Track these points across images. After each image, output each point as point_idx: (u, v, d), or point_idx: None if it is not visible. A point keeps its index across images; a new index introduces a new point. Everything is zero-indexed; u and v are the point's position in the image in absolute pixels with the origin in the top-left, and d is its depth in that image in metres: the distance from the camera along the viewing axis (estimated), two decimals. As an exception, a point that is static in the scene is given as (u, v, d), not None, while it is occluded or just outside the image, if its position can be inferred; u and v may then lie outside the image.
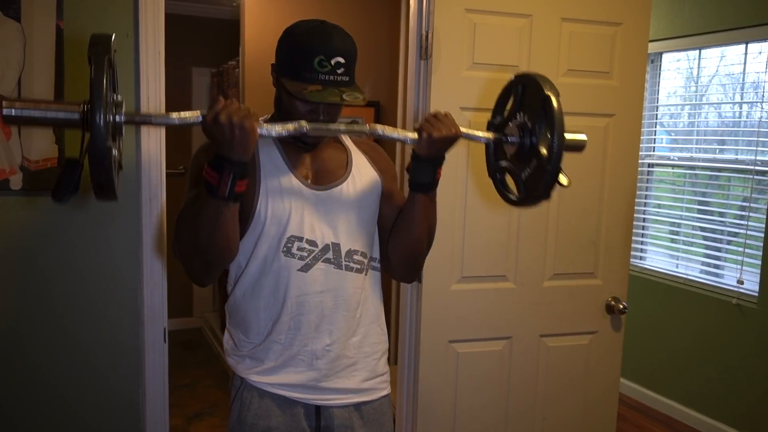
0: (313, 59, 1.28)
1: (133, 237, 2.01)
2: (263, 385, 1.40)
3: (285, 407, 1.40)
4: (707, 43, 3.57)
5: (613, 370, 2.39)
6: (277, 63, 1.38)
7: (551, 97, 1.27)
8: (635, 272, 3.81)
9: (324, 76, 1.29)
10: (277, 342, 1.39)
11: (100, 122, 1.03)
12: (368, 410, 1.46)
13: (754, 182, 3.35)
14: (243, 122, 1.13)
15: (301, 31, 1.33)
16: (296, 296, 1.36)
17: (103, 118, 1.04)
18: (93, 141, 1.04)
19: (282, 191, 1.36)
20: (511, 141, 1.36)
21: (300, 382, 1.40)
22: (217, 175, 1.16)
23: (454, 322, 2.19)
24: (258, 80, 3.69)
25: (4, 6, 1.82)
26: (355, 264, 1.41)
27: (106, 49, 1.08)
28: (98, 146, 1.04)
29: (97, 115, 1.03)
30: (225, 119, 1.12)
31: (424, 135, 1.30)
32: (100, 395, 2.03)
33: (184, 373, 4.08)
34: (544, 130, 1.28)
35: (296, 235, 1.36)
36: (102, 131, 1.04)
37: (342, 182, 1.42)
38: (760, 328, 3.22)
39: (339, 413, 1.43)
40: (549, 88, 1.28)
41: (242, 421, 1.41)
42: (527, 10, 2.13)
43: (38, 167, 1.89)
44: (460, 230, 2.15)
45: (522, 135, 1.33)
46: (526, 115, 1.34)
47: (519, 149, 1.34)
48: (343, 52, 1.31)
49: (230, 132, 1.13)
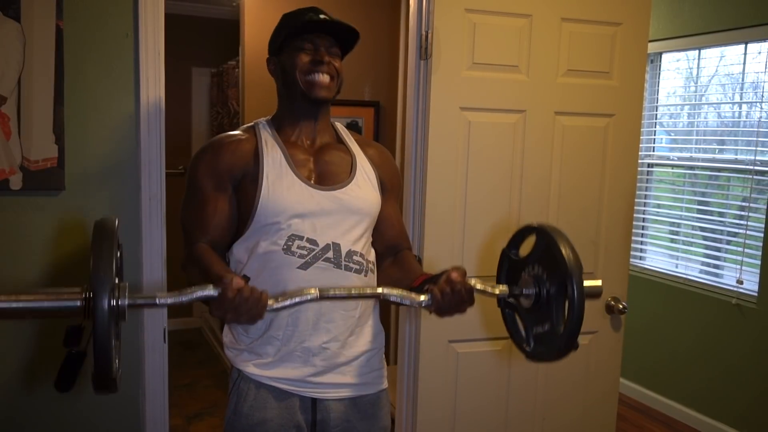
0: (304, 14, 1.42)
1: (133, 237, 2.01)
2: (260, 377, 1.42)
3: (281, 399, 1.42)
4: (707, 43, 3.57)
5: (613, 370, 2.39)
6: (270, 49, 1.50)
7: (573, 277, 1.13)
8: (635, 272, 3.81)
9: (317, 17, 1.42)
10: (275, 338, 1.40)
11: (105, 316, 0.98)
12: (365, 404, 1.48)
13: (754, 182, 3.36)
14: (251, 317, 1.16)
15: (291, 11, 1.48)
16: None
17: (107, 308, 0.98)
18: (96, 336, 0.98)
19: (285, 190, 1.37)
20: (525, 294, 1.25)
21: (296, 377, 1.41)
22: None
23: (454, 322, 2.16)
24: (258, 80, 3.69)
25: (4, 6, 1.81)
26: (354, 264, 1.42)
27: (109, 236, 1.05)
28: (102, 341, 0.99)
29: (101, 304, 0.98)
30: (233, 319, 1.16)
31: (435, 307, 1.25)
32: (100, 395, 2.03)
33: (184, 373, 4.07)
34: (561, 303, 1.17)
35: (297, 234, 1.37)
36: (106, 325, 0.98)
37: (345, 185, 1.43)
38: (760, 328, 3.22)
39: (335, 406, 1.44)
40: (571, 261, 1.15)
41: (238, 412, 1.43)
42: (527, 10, 2.13)
43: (38, 167, 1.89)
44: (460, 230, 2.15)
45: (538, 289, 1.22)
46: (540, 266, 1.23)
47: (535, 304, 1.24)
48: (331, 16, 1.44)
49: (236, 319, 1.16)
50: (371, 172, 1.49)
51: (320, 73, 1.41)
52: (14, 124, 1.86)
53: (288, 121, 1.47)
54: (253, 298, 1.14)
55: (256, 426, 1.41)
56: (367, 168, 1.49)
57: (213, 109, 4.86)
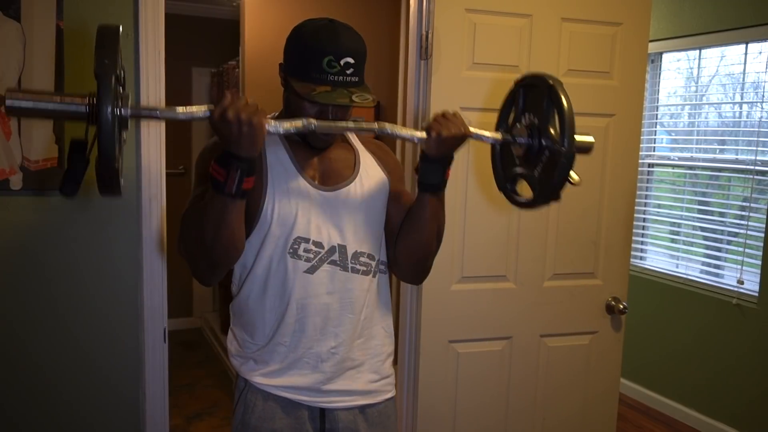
0: (322, 60, 1.26)
1: (133, 237, 2.01)
2: (268, 387, 1.39)
3: (289, 410, 1.39)
4: (707, 43, 3.57)
5: (613, 370, 2.39)
6: (285, 63, 1.36)
7: (555, 85, 1.26)
8: (635, 272, 3.81)
9: (333, 77, 1.27)
10: (282, 344, 1.37)
11: (108, 116, 1.01)
12: (373, 413, 1.45)
13: (754, 182, 3.35)
14: (251, 119, 1.11)
15: (310, 30, 1.31)
16: (301, 298, 1.35)
17: (111, 111, 1.01)
18: (100, 136, 1.01)
19: (289, 192, 1.35)
20: (519, 141, 1.33)
21: (305, 384, 1.38)
22: (225, 171, 1.15)
23: (454, 322, 2.19)
24: (258, 80, 3.69)
25: (4, 6, 1.82)
26: (361, 266, 1.40)
27: (114, 40, 1.06)
28: (105, 140, 1.01)
29: (105, 108, 1.00)
30: (233, 116, 1.10)
31: (433, 134, 1.28)
32: (100, 395, 2.03)
33: (184, 373, 4.07)
34: (552, 117, 1.26)
35: (303, 237, 1.34)
36: (109, 126, 1.01)
37: (349, 183, 1.40)
38: (760, 328, 3.22)
39: (344, 416, 1.41)
40: (552, 79, 1.28)
41: (246, 424, 1.40)
42: (527, 10, 2.13)
43: (38, 167, 1.89)
44: (460, 230, 2.15)
45: (530, 134, 1.31)
46: (532, 113, 1.32)
47: (528, 149, 1.32)
48: (353, 53, 1.29)
49: (238, 129, 1.11)
50: (375, 166, 1.46)
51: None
52: (14, 124, 1.86)
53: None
54: (251, 105, 1.12)
55: None
56: (369, 162, 1.46)
57: (213, 109, 4.86)
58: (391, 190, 1.46)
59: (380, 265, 1.45)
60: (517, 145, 1.35)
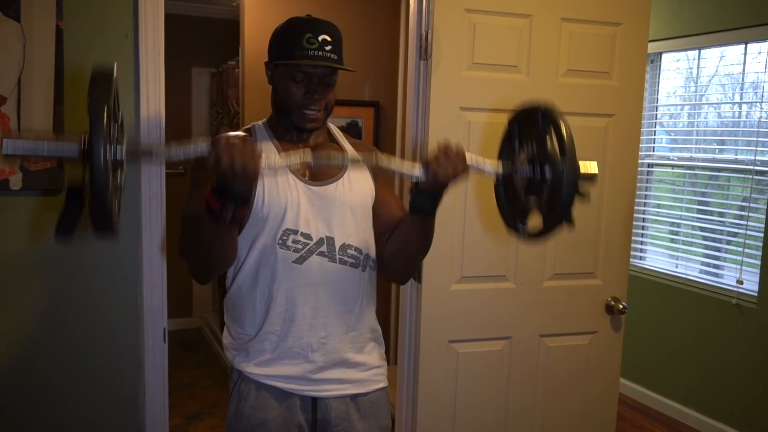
0: (302, 37, 1.37)
1: (133, 237, 2.01)
2: (260, 377, 1.43)
3: (281, 399, 1.43)
4: (707, 44, 3.57)
5: (612, 370, 2.40)
6: (269, 55, 1.46)
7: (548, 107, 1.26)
8: (635, 272, 3.81)
9: (313, 52, 1.37)
10: (272, 333, 1.41)
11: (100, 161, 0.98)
12: (365, 402, 1.48)
13: (754, 182, 3.36)
14: (245, 168, 1.12)
15: (290, 21, 1.43)
16: (290, 288, 1.40)
17: (103, 156, 0.98)
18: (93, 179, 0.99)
19: (279, 186, 1.40)
20: (520, 169, 1.30)
21: (296, 374, 1.42)
22: (220, 203, 1.17)
23: (454, 322, 2.19)
24: (258, 80, 3.68)
25: (4, 6, 1.81)
26: (349, 258, 1.44)
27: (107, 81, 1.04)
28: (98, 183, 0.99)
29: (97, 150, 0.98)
30: (227, 164, 1.12)
31: (430, 175, 1.28)
32: (100, 395, 2.03)
33: (184, 373, 4.08)
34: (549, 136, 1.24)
35: (291, 229, 1.39)
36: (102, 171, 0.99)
37: (337, 180, 1.46)
38: (760, 328, 3.22)
39: (335, 405, 1.45)
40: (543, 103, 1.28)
41: (239, 413, 1.44)
42: (527, 10, 2.13)
43: (38, 167, 1.89)
44: (460, 230, 2.15)
45: (531, 160, 1.28)
46: (529, 142, 1.30)
47: (531, 176, 1.28)
48: (329, 33, 1.39)
49: (232, 175, 1.13)
50: (362, 169, 1.51)
51: (311, 109, 1.41)
52: (14, 124, 1.86)
53: (282, 126, 1.49)
54: (247, 150, 1.13)
55: (258, 427, 1.42)
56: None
57: (213, 109, 4.86)
58: (376, 195, 1.51)
59: (370, 261, 1.49)
60: (518, 173, 1.32)
